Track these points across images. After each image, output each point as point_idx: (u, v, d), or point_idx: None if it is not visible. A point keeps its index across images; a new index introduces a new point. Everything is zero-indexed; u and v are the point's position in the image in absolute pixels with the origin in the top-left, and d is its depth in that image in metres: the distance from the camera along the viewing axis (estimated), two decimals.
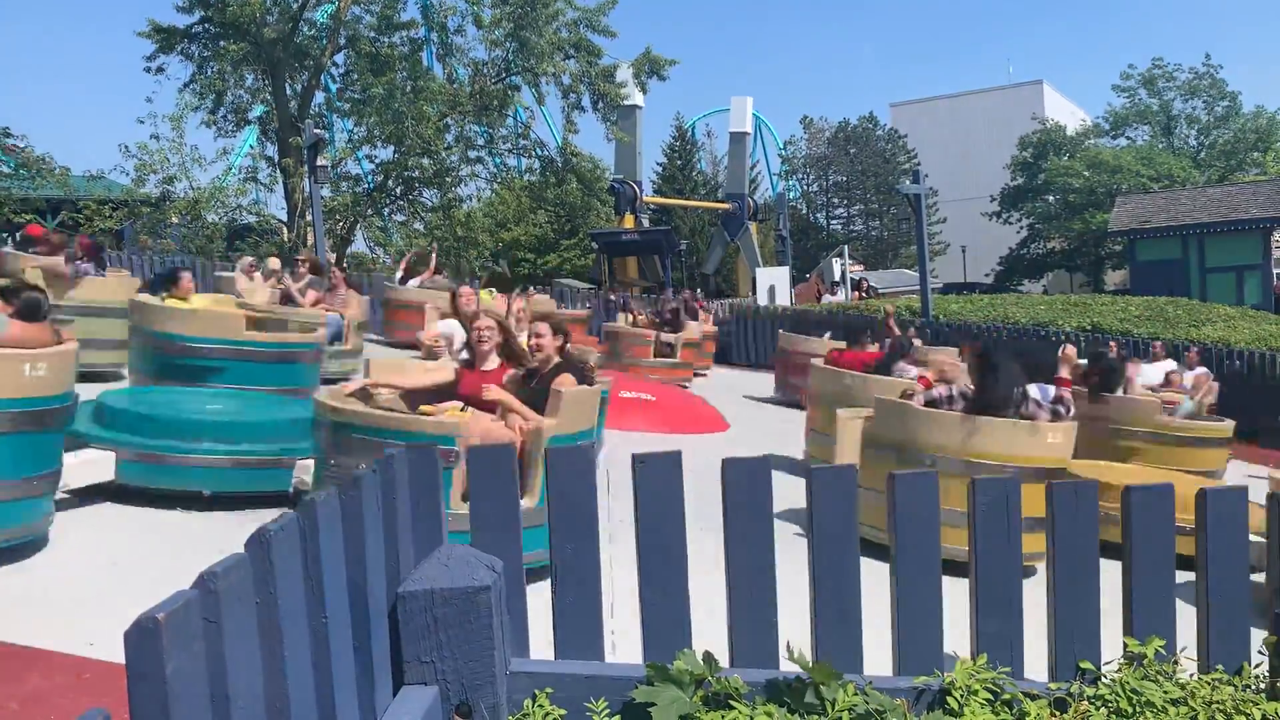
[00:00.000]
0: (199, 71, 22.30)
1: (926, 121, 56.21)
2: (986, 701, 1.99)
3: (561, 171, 24.67)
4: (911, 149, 51.93)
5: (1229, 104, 44.60)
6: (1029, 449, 5.57)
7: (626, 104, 26.64)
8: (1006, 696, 2.02)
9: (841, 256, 33.85)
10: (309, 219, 20.12)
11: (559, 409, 4.54)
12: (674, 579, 2.17)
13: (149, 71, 22.34)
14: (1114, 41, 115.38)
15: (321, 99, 24.32)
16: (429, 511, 2.13)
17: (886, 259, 50.73)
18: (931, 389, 6.21)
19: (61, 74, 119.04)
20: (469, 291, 7.17)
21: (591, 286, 26.51)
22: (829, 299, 26.58)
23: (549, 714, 1.97)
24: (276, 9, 21.57)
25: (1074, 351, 9.99)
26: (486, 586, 1.90)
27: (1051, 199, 43.58)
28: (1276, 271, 29.70)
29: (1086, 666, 2.15)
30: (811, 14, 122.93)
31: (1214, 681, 2.10)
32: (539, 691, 2.01)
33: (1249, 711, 1.99)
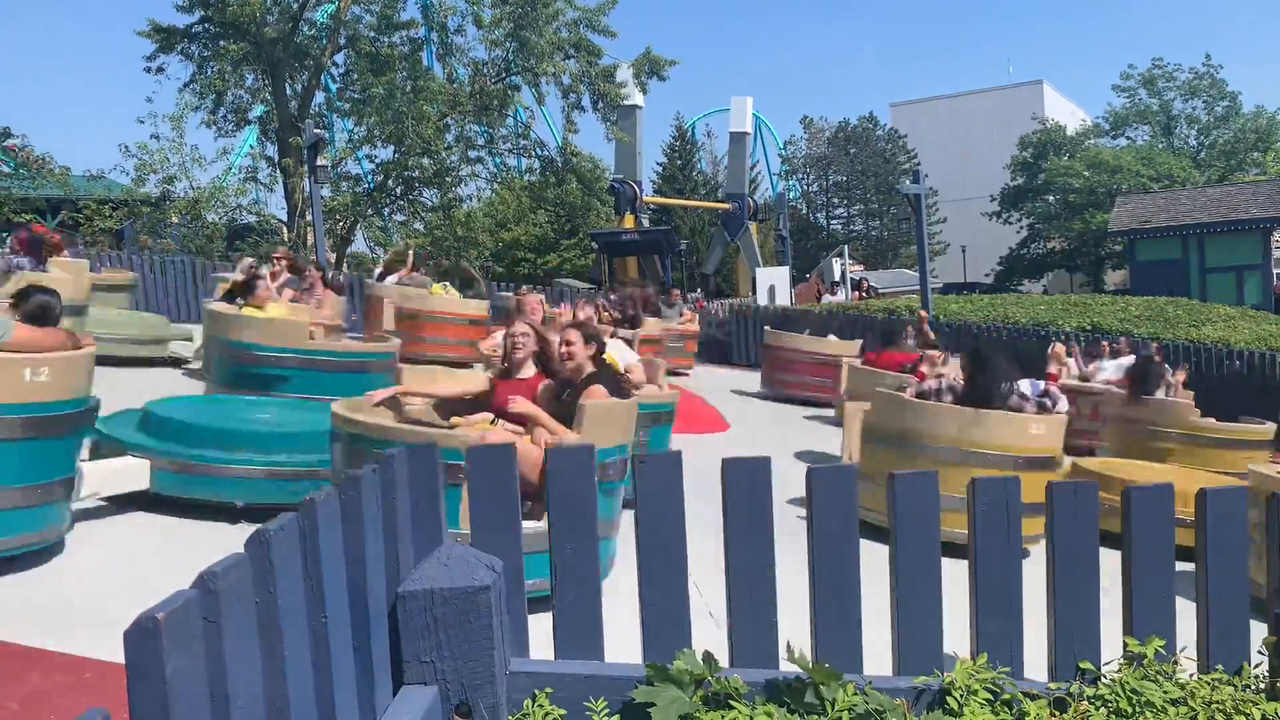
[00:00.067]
0: (199, 71, 22.31)
1: (926, 121, 56.22)
2: (986, 701, 1.99)
3: (561, 171, 24.68)
4: (911, 149, 51.94)
5: (1229, 104, 44.62)
6: (1013, 439, 5.85)
7: (626, 104, 26.62)
8: (1006, 696, 2.02)
9: (841, 256, 33.87)
10: (309, 219, 20.12)
11: (584, 423, 4.30)
12: (674, 579, 2.17)
13: (149, 71, 22.37)
14: (1114, 41, 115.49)
15: (321, 99, 24.33)
16: (429, 511, 2.13)
17: (886, 259, 50.74)
18: (924, 381, 6.57)
19: (61, 73, 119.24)
20: (534, 300, 6.76)
21: (592, 286, 26.51)
22: (829, 299, 26.59)
23: (549, 714, 1.97)
24: (276, 9, 21.58)
25: (1063, 349, 10.53)
26: (486, 586, 1.90)
27: (1051, 199, 43.59)
28: (1276, 271, 29.72)
29: (1086, 666, 2.15)
30: (811, 14, 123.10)
31: (1214, 681, 2.10)
32: (539, 691, 2.01)
33: (1249, 711, 1.99)
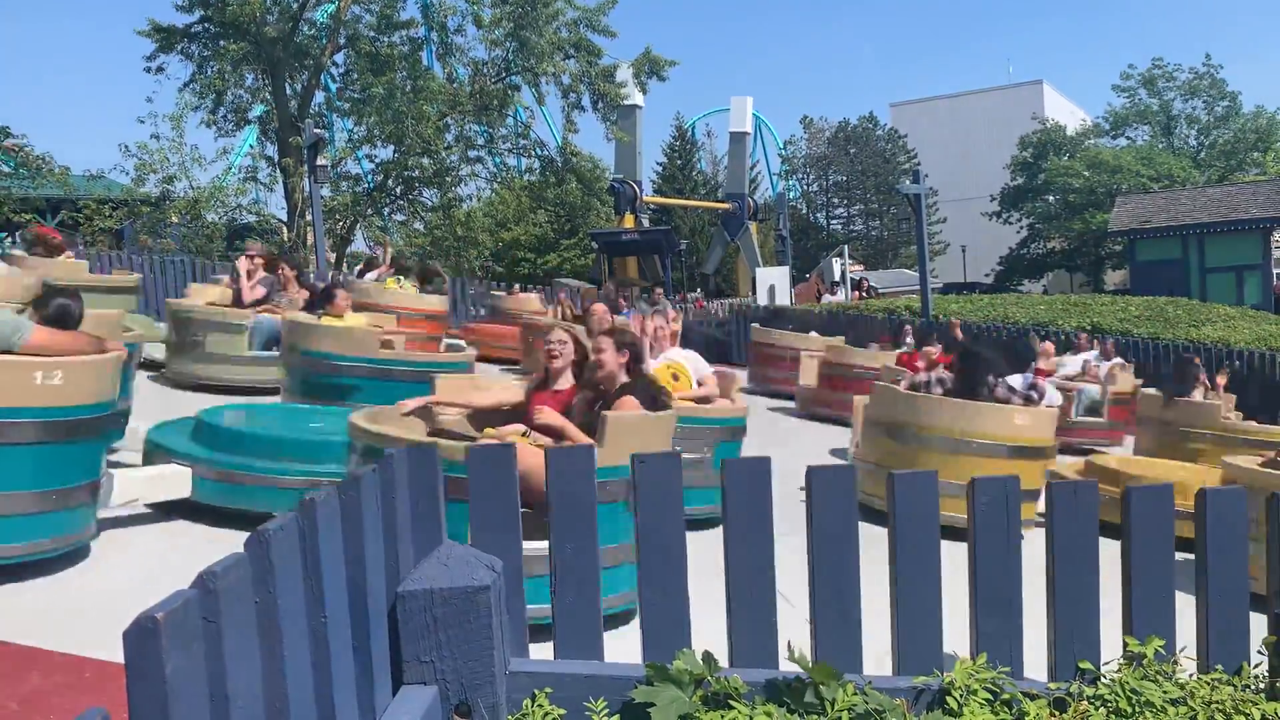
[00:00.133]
0: (199, 71, 22.32)
1: (926, 121, 56.22)
2: (986, 701, 1.99)
3: (561, 171, 24.68)
4: (911, 149, 51.94)
5: (1229, 104, 44.64)
6: (999, 429, 6.24)
7: (626, 104, 26.64)
8: (1006, 696, 2.02)
9: (841, 256, 33.91)
10: (309, 219, 20.14)
11: (605, 436, 3.98)
12: (673, 579, 2.17)
13: (149, 71, 22.39)
14: (1114, 41, 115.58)
15: (321, 98, 24.35)
16: (428, 511, 2.12)
17: (886, 259, 50.76)
18: (917, 375, 6.91)
19: (61, 73, 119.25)
20: (602, 308, 6.40)
21: (592, 286, 26.52)
22: (829, 299, 26.61)
23: (548, 714, 1.97)
24: (276, 8, 21.58)
25: (1052, 347, 10.94)
26: (486, 586, 1.90)
27: (1051, 199, 43.60)
28: (1276, 271, 29.75)
29: (1086, 666, 2.14)
30: (811, 13, 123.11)
31: (1213, 681, 2.10)
32: (538, 691, 2.01)
33: (1248, 711, 1.99)
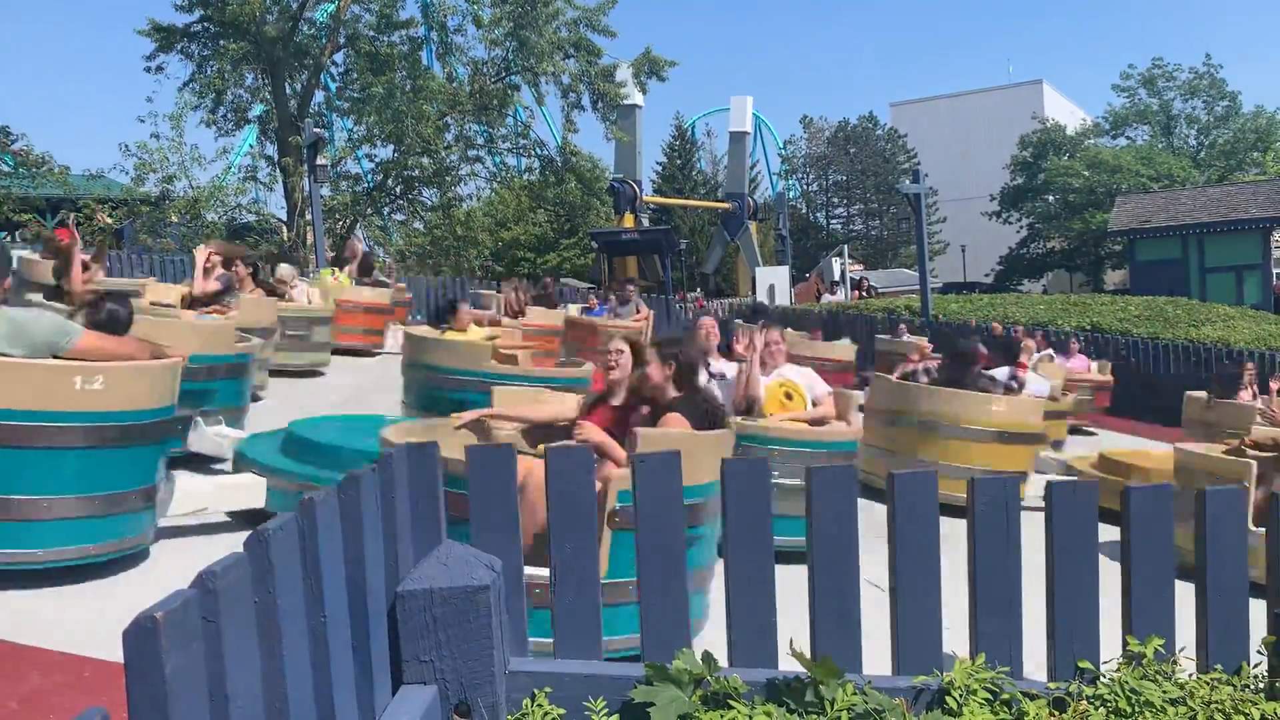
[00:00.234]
0: (199, 70, 22.31)
1: (926, 121, 56.19)
2: (985, 701, 1.99)
3: (561, 171, 24.68)
4: (911, 149, 51.92)
5: (1229, 104, 44.61)
6: (978, 414, 7.04)
7: (626, 104, 26.61)
8: (1005, 696, 2.02)
9: (841, 256, 33.91)
10: (308, 218, 20.13)
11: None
12: (673, 579, 2.17)
13: (149, 70, 22.38)
14: (1114, 41, 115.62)
15: (321, 98, 24.34)
16: (428, 511, 2.12)
17: (886, 258, 50.74)
18: (909, 365, 7.84)
19: (61, 72, 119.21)
20: (710, 322, 6.25)
21: (591, 286, 26.52)
22: (829, 298, 26.60)
23: (548, 713, 1.97)
24: (276, 8, 21.58)
25: (1033, 344, 11.42)
26: (485, 586, 1.90)
27: (1051, 199, 43.58)
28: (1276, 271, 29.74)
29: (1085, 666, 2.14)
30: (811, 13, 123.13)
31: (1213, 681, 2.10)
32: (538, 691, 2.01)
33: (1248, 711, 1.99)
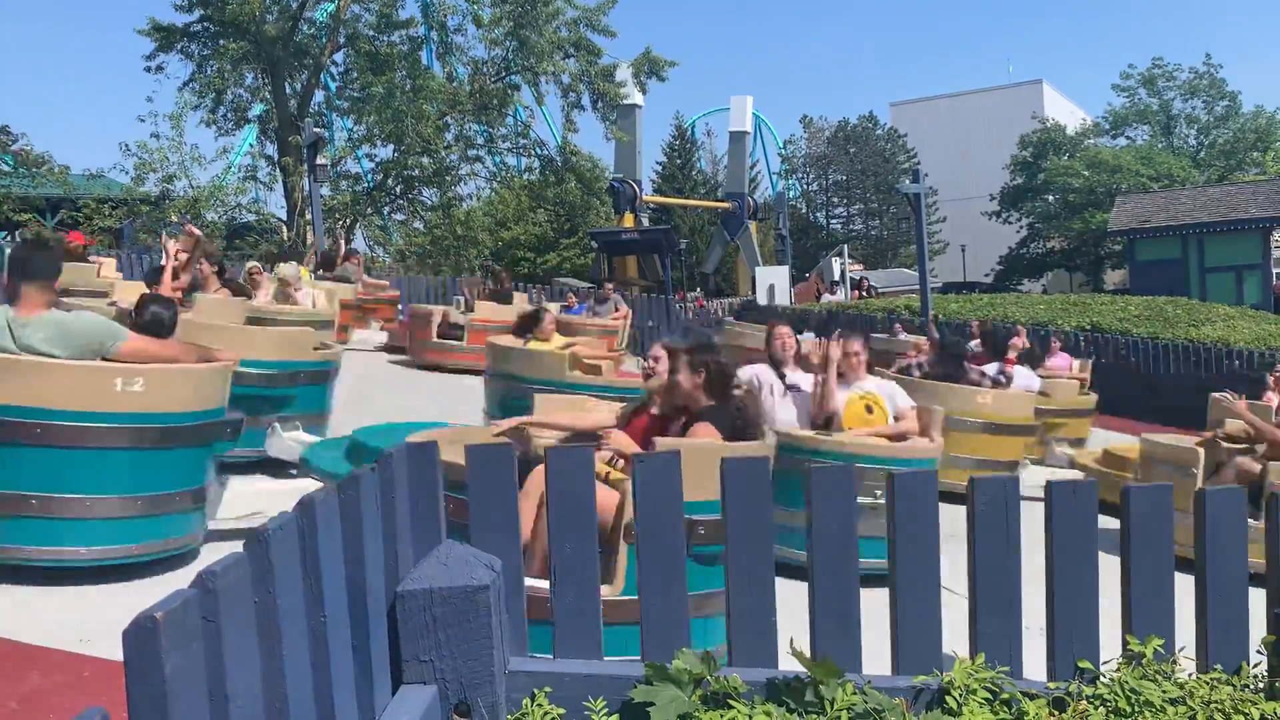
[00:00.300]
0: (199, 70, 22.33)
1: (926, 121, 56.18)
2: (985, 701, 1.99)
3: (561, 171, 24.69)
4: (911, 148, 51.91)
5: (1229, 104, 44.61)
6: (966, 406, 7.60)
7: (626, 103, 26.62)
8: (1005, 696, 2.02)
9: (841, 256, 33.92)
10: (308, 218, 20.13)
11: None
12: (673, 579, 2.17)
13: (149, 70, 22.40)
14: (1114, 41, 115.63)
15: (321, 98, 24.37)
16: (428, 511, 2.13)
17: (886, 258, 50.73)
18: (905, 361, 8.53)
19: (61, 72, 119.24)
20: (786, 331, 5.93)
21: (591, 286, 26.53)
22: (828, 298, 26.61)
23: (548, 713, 1.97)
24: (276, 8, 21.60)
25: (1020, 341, 11.63)
26: (485, 586, 1.90)
27: (1051, 199, 43.58)
28: (1276, 271, 29.74)
29: (1085, 666, 2.14)
30: (811, 13, 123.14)
31: (1213, 681, 2.10)
32: (538, 690, 2.01)
33: (1247, 711, 1.99)
